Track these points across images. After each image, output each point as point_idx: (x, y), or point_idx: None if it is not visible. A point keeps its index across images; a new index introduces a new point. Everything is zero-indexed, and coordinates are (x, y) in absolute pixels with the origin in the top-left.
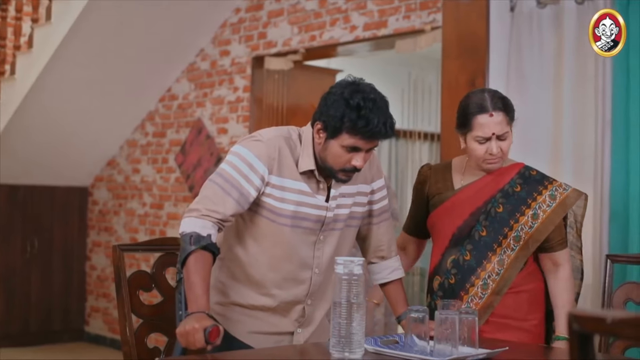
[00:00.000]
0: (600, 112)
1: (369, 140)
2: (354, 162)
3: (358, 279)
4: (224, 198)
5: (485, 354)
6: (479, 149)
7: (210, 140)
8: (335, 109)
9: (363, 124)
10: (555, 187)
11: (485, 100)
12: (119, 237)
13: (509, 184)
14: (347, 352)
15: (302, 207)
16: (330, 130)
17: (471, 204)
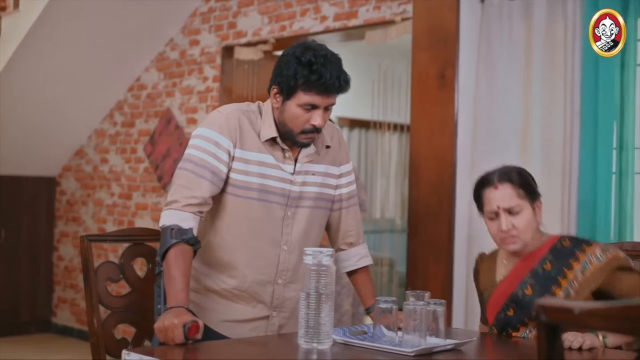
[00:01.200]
0: (569, 103)
1: (324, 95)
2: (313, 121)
3: (327, 269)
4: (198, 182)
5: (453, 345)
6: (491, 227)
7: (179, 130)
8: (288, 68)
9: (316, 78)
10: (588, 257)
11: (493, 173)
12: (87, 227)
13: (539, 263)
14: (315, 342)
15: (267, 179)
16: (285, 91)
17: (506, 294)
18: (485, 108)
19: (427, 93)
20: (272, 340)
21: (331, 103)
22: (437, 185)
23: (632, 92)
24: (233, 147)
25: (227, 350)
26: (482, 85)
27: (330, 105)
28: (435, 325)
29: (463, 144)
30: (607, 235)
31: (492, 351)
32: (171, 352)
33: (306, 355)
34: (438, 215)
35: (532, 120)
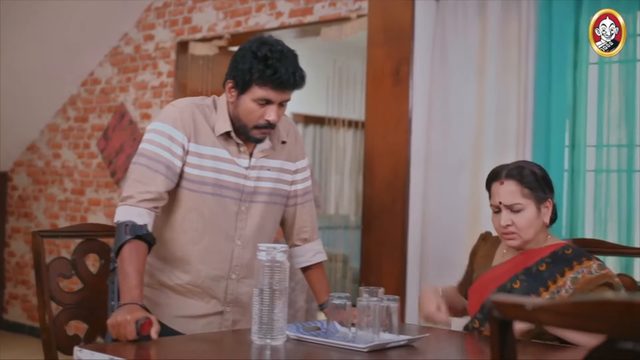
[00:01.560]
0: (523, 101)
1: (278, 90)
2: (267, 117)
3: (280, 265)
4: (153, 176)
5: (406, 340)
6: (494, 220)
7: (133, 125)
8: (244, 62)
9: (271, 72)
10: (582, 269)
11: (504, 167)
12: (38, 223)
13: (536, 262)
14: (268, 338)
15: (221, 174)
16: (240, 85)
17: (496, 283)
18: (440, 105)
19: (382, 90)
20: (226, 336)
21: (286, 99)
22: (391, 181)
23: (584, 90)
24: (187, 141)
25: (179, 347)
26: (436, 83)
27: (284, 101)
28: (388, 321)
29: (417, 141)
30: (559, 232)
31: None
32: (123, 349)
33: (259, 352)
34: (392, 211)
35: (485, 118)
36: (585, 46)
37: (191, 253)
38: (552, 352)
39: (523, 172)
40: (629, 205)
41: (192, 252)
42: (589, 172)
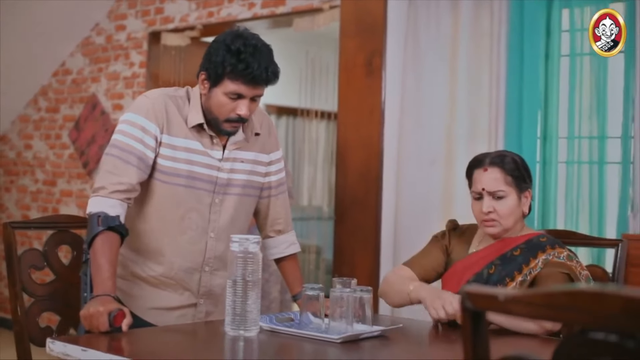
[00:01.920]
0: (495, 93)
1: (250, 85)
2: (239, 111)
3: (254, 256)
4: (125, 168)
5: (380, 331)
6: (475, 206)
7: (105, 116)
8: (217, 55)
9: (243, 67)
10: (554, 253)
11: (487, 155)
12: (10, 214)
13: (511, 249)
14: (242, 329)
15: (194, 166)
16: (213, 78)
17: (471, 271)
18: (412, 97)
19: (355, 81)
20: (199, 327)
21: (258, 94)
22: (364, 173)
23: (556, 82)
24: (160, 133)
25: (153, 338)
26: (409, 74)
27: (257, 96)
28: (361, 312)
29: (390, 132)
30: (531, 223)
31: (418, 337)
32: (96, 341)
33: (233, 343)
34: (365, 202)
35: (457, 110)
36: (556, 38)
37: (165, 245)
38: (524, 342)
39: (506, 160)
40: (600, 196)
41: (166, 244)
42: (561, 163)
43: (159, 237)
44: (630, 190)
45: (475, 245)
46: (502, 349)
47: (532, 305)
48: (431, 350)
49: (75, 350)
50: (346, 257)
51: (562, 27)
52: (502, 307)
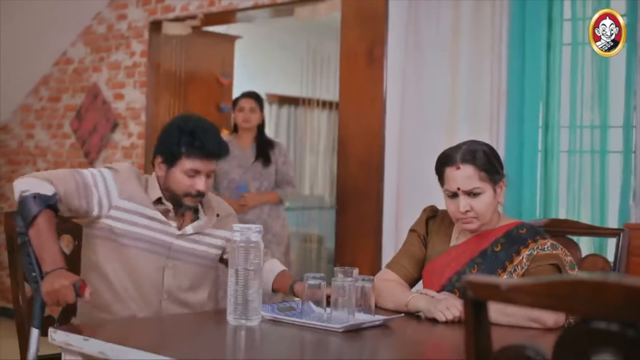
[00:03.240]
0: (496, 82)
1: (206, 160)
2: (197, 187)
3: (255, 246)
4: (66, 178)
5: (382, 321)
6: (450, 205)
7: (106, 105)
8: (171, 137)
9: (199, 144)
10: (537, 246)
11: (457, 150)
12: (12, 204)
13: (491, 244)
14: (244, 319)
15: (150, 231)
16: (169, 159)
17: (451, 268)
18: (413, 86)
19: (356, 71)
20: (201, 317)
21: (212, 169)
22: (365, 162)
23: (558, 72)
24: (118, 196)
25: (155, 327)
26: (410, 64)
27: (211, 172)
28: (363, 302)
29: (391, 121)
30: (533, 213)
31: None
32: (98, 330)
33: (235, 332)
34: (366, 192)
35: (459, 99)
36: (558, 28)
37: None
38: (526, 332)
39: (477, 155)
40: (602, 186)
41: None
42: (563, 152)
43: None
44: (632, 180)
45: (455, 237)
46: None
47: (534, 295)
48: (433, 339)
49: (77, 340)
50: (348, 246)
51: (564, 16)
52: (504, 297)
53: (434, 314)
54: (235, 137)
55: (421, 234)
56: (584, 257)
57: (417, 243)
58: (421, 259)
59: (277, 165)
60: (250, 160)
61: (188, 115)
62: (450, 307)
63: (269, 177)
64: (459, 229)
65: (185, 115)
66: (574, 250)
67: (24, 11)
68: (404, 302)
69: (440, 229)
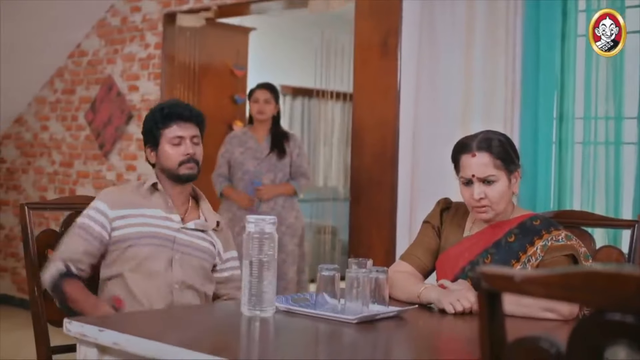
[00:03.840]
0: (511, 73)
1: (182, 124)
2: (185, 151)
3: (269, 237)
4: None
5: (396, 312)
6: (464, 193)
7: (120, 97)
8: (147, 123)
9: (168, 112)
10: (551, 237)
11: (473, 139)
12: (27, 195)
13: (505, 234)
14: (258, 310)
15: (152, 227)
16: (153, 140)
17: (465, 258)
18: (428, 77)
19: (370, 62)
20: (216, 308)
21: (194, 134)
22: (379, 153)
23: (572, 62)
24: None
25: (170, 317)
26: (424, 55)
27: (194, 137)
28: (377, 293)
29: (406, 113)
30: (547, 204)
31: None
32: (113, 321)
33: (249, 323)
34: (380, 183)
35: (473, 90)
36: (573, 19)
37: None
38: (541, 324)
39: (493, 143)
40: (617, 177)
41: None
42: (577, 144)
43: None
44: None
45: (468, 228)
46: (519, 331)
47: (548, 286)
48: (447, 330)
49: (93, 331)
50: (362, 237)
51: (578, 8)
52: (518, 288)
53: (444, 306)
54: (251, 128)
55: (435, 226)
56: (599, 249)
57: (431, 234)
58: (435, 250)
59: (291, 157)
60: (265, 152)
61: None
62: (461, 298)
63: (283, 169)
64: (472, 219)
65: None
66: (588, 241)
67: (38, 4)
68: (416, 294)
69: (453, 220)
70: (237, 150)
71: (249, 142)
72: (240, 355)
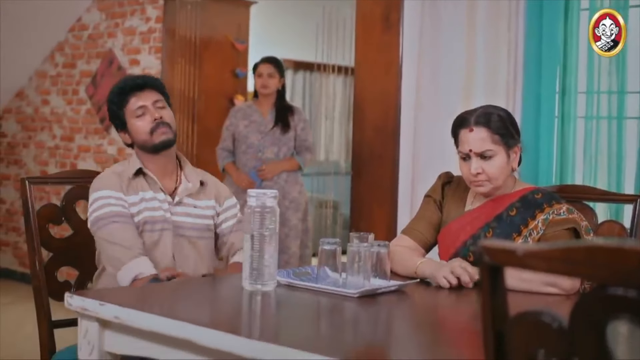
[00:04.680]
0: (513, 47)
1: (137, 92)
2: (151, 116)
3: (271, 211)
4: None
5: (397, 286)
6: (463, 167)
7: (122, 71)
8: (110, 105)
9: (122, 82)
10: (552, 211)
11: (472, 113)
12: (28, 170)
13: (506, 208)
14: (259, 284)
15: (151, 211)
16: (120, 121)
17: (466, 232)
18: (430, 51)
19: (372, 36)
20: (217, 282)
21: (154, 99)
22: (381, 127)
23: (575, 37)
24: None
25: (172, 291)
26: (426, 29)
27: (157, 102)
28: (379, 267)
29: (407, 87)
30: (549, 179)
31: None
32: (113, 295)
33: (250, 297)
34: (382, 157)
35: (476, 64)
36: None
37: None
38: (543, 298)
39: (492, 118)
40: (619, 152)
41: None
42: (580, 118)
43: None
44: None
45: (470, 202)
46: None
47: (551, 260)
48: (448, 304)
49: (94, 305)
50: (363, 211)
51: None
52: (520, 262)
53: (438, 281)
54: (255, 102)
55: (437, 200)
56: (600, 223)
57: (432, 208)
58: (437, 223)
59: (296, 131)
60: (269, 126)
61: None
62: (454, 269)
63: (287, 143)
64: (474, 193)
65: None
66: (590, 216)
67: None
68: (413, 268)
69: (455, 194)
70: (242, 124)
71: (253, 115)
72: (242, 329)
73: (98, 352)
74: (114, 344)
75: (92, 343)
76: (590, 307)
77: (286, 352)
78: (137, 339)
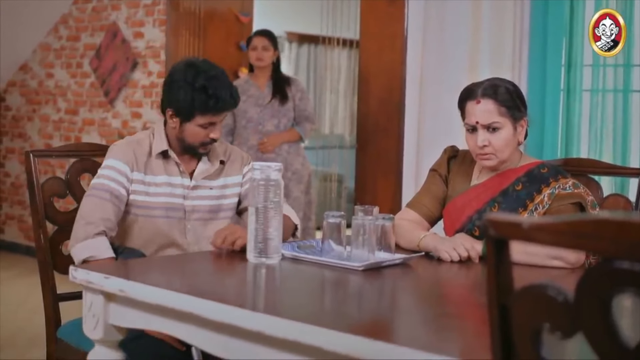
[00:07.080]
0: (519, 20)
1: (220, 113)
2: (212, 135)
3: (275, 184)
4: (96, 205)
5: (402, 259)
6: (469, 140)
7: (126, 44)
8: (183, 94)
9: (214, 102)
10: (559, 185)
11: (479, 85)
12: (33, 143)
13: (512, 182)
14: (264, 257)
15: (163, 197)
16: (183, 114)
17: (472, 207)
18: (435, 24)
19: (377, 8)
20: (222, 255)
21: (224, 117)
22: (386, 100)
23: (581, 9)
24: (130, 171)
25: (177, 264)
26: (431, 1)
27: (223, 119)
28: (383, 240)
29: (412, 59)
30: (554, 152)
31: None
32: (118, 268)
33: (255, 270)
34: (387, 130)
35: (481, 37)
36: None
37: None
38: (548, 271)
39: (499, 90)
40: (625, 125)
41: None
42: (585, 91)
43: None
44: None
45: (475, 176)
46: (526, 279)
47: (557, 234)
48: (453, 278)
49: (98, 278)
50: (368, 185)
51: None
52: (526, 235)
53: (440, 254)
54: (252, 76)
55: (442, 174)
56: (606, 197)
57: (438, 182)
58: (442, 197)
59: (294, 101)
60: (267, 98)
61: (194, 67)
62: (457, 246)
63: (287, 114)
64: (479, 168)
65: (191, 65)
66: (595, 189)
67: None
68: (416, 242)
69: (461, 169)
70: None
71: (250, 89)
72: (247, 302)
73: (103, 325)
74: (119, 317)
75: (97, 316)
76: (596, 280)
77: (291, 325)
78: (142, 312)
